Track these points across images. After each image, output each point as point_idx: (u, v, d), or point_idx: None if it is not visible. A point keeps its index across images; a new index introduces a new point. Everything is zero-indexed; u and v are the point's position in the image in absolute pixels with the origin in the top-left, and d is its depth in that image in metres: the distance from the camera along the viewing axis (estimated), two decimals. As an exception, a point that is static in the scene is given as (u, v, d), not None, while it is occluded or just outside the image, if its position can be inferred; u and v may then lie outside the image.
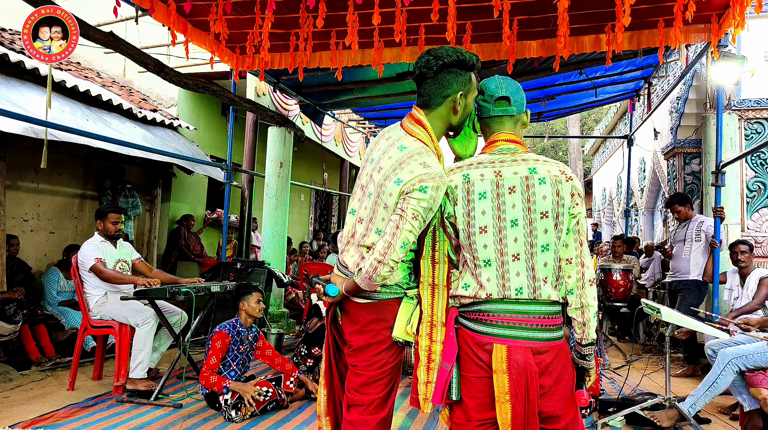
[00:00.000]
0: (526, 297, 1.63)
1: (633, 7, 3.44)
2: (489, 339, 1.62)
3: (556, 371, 1.63)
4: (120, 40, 3.94)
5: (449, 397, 1.68)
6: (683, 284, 5.19)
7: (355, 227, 1.87)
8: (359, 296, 1.81)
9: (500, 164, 1.68)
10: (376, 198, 1.78)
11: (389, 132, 1.89)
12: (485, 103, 1.77)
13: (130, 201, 6.44)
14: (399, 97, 6.63)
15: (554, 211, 1.64)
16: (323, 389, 1.98)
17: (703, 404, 3.37)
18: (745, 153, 5.26)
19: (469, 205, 1.67)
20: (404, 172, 1.71)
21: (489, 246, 1.65)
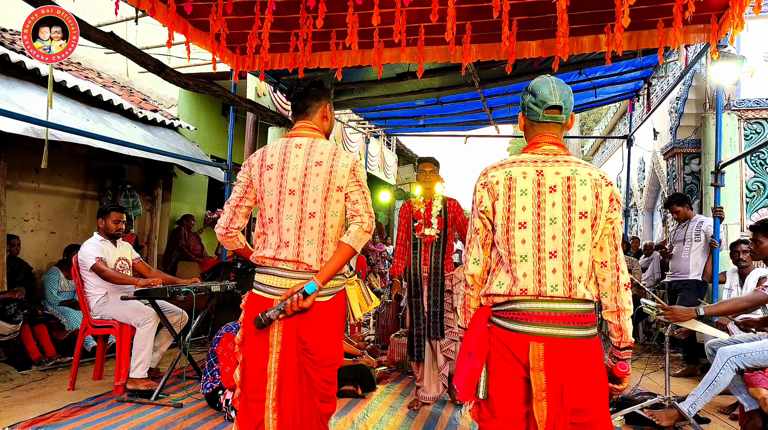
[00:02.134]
0: (562, 295, 1.66)
1: (632, 7, 3.44)
2: (525, 337, 1.64)
3: (589, 367, 1.66)
4: (120, 40, 3.95)
5: (476, 395, 1.71)
6: (683, 284, 5.20)
7: (302, 224, 2.06)
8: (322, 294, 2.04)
9: (542, 164, 1.73)
10: (327, 186, 2.08)
11: (290, 143, 2.14)
12: (536, 107, 1.80)
13: (130, 201, 6.45)
14: (399, 97, 6.63)
15: (593, 213, 1.67)
16: (272, 412, 1.97)
17: (703, 403, 3.37)
18: (744, 153, 5.27)
19: (510, 200, 1.70)
20: (342, 157, 2.12)
21: (527, 242, 1.68)
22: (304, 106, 2.22)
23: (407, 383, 4.59)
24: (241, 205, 2.16)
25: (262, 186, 2.11)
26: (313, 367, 2.04)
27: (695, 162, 7.40)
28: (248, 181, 2.15)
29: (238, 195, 2.16)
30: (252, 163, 2.16)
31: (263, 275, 2.09)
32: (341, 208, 2.11)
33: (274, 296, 2.04)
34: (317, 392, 2.05)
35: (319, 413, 2.05)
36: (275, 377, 1.99)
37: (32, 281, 5.27)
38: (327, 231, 2.07)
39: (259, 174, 2.12)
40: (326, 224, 2.07)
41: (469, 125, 8.57)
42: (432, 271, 3.93)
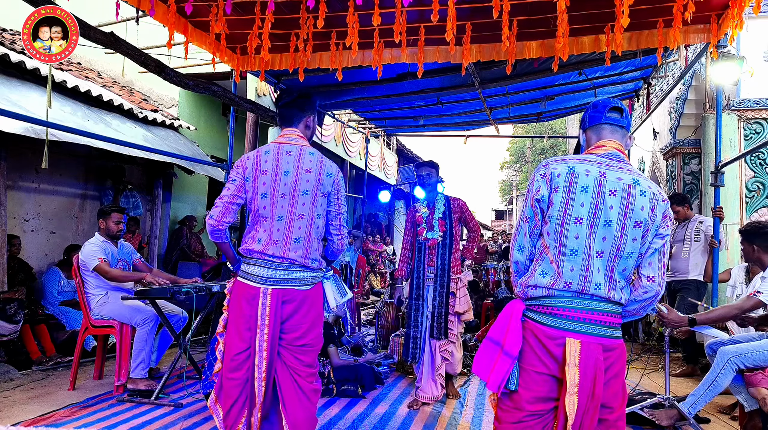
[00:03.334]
0: (602, 295, 1.71)
1: (632, 7, 3.45)
2: (562, 333, 1.69)
3: (617, 367, 1.73)
4: (120, 40, 3.95)
5: (507, 387, 1.74)
6: (682, 284, 5.20)
7: (291, 224, 2.31)
8: (303, 284, 2.33)
9: (606, 167, 1.77)
10: (315, 191, 2.34)
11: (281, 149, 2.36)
12: (597, 113, 1.88)
13: (130, 201, 6.45)
14: (399, 98, 6.63)
15: (646, 225, 1.73)
16: (261, 383, 2.26)
17: (703, 403, 3.38)
18: (744, 153, 5.27)
19: (570, 194, 1.73)
20: (327, 166, 2.40)
21: (580, 237, 1.72)
22: (290, 115, 2.45)
23: (407, 383, 4.59)
24: (233, 202, 2.37)
25: (256, 188, 2.33)
26: (288, 347, 2.29)
27: (695, 162, 7.41)
28: (242, 181, 2.36)
29: (231, 193, 2.36)
30: (246, 165, 2.37)
31: (251, 266, 2.32)
32: (324, 212, 2.41)
33: (258, 284, 2.28)
34: (296, 371, 2.29)
35: (305, 391, 2.29)
36: (265, 354, 2.24)
37: (32, 281, 5.27)
38: (312, 232, 2.35)
39: (254, 177, 2.33)
40: (312, 225, 2.35)
41: (469, 125, 8.57)
42: (438, 272, 3.96)
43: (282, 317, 2.27)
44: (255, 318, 2.25)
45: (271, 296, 2.26)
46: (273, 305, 2.25)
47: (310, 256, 2.34)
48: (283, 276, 2.29)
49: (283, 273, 2.29)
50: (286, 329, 2.29)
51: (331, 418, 3.56)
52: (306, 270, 2.33)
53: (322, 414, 3.63)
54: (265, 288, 2.27)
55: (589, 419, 1.65)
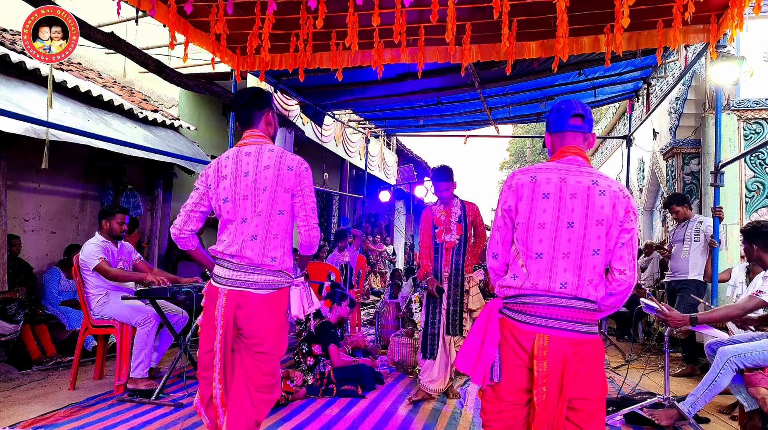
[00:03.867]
0: (569, 293, 1.81)
1: (632, 8, 3.45)
2: (532, 329, 1.81)
3: (590, 361, 1.81)
4: (120, 40, 3.95)
5: (491, 379, 1.87)
6: (682, 284, 5.20)
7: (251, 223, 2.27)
8: (261, 288, 2.26)
9: (566, 172, 1.89)
10: (274, 188, 2.28)
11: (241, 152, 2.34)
12: (560, 119, 1.98)
13: (131, 201, 6.45)
14: (399, 98, 6.64)
15: (608, 222, 1.83)
16: (219, 384, 2.26)
17: (703, 403, 3.38)
18: (744, 153, 5.28)
19: (533, 202, 1.87)
20: (287, 160, 2.32)
21: (544, 241, 1.84)
22: (249, 117, 2.43)
23: (407, 382, 4.59)
24: (195, 210, 2.39)
25: (218, 194, 2.33)
26: (247, 351, 2.27)
27: (695, 162, 7.41)
28: (205, 190, 2.38)
29: (194, 201, 2.39)
30: (208, 173, 2.39)
31: (216, 267, 2.33)
32: (288, 208, 2.33)
33: (221, 285, 2.28)
34: (251, 377, 2.25)
35: (253, 399, 2.24)
36: (219, 355, 2.24)
37: (33, 281, 5.27)
38: (271, 229, 2.29)
39: (216, 184, 2.34)
40: (271, 223, 2.29)
41: (468, 125, 8.57)
42: (453, 272, 4.09)
43: (237, 320, 2.25)
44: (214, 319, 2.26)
45: (226, 297, 2.25)
46: (227, 306, 2.24)
47: (268, 254, 2.27)
48: (239, 278, 2.25)
49: (240, 274, 2.25)
50: (245, 333, 2.26)
51: (331, 418, 3.56)
52: (263, 272, 2.26)
53: (322, 414, 3.63)
54: (222, 289, 2.27)
55: (559, 410, 1.75)
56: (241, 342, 2.28)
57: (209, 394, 2.27)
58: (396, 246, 16.57)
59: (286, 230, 2.33)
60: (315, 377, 4.19)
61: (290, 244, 2.37)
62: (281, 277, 2.32)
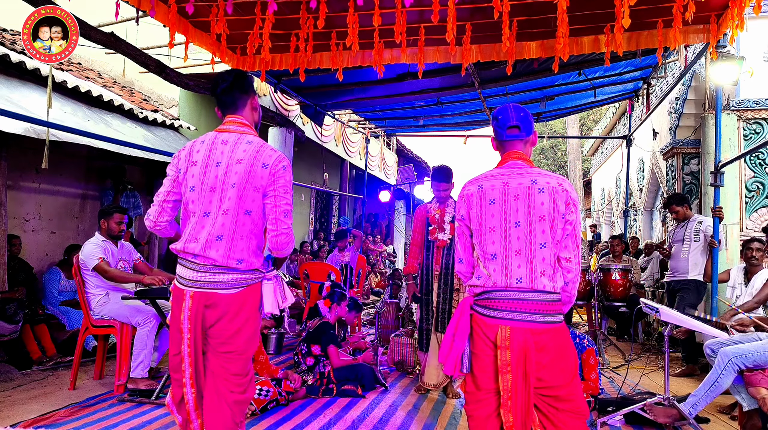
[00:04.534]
0: (525, 286, 1.95)
1: (632, 8, 3.45)
2: (496, 322, 1.96)
3: (554, 348, 1.94)
4: (121, 40, 3.96)
5: (461, 370, 2.02)
6: (682, 284, 5.20)
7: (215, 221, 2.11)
8: (228, 287, 2.12)
9: (508, 176, 2.05)
10: (243, 185, 2.10)
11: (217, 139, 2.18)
12: (499, 128, 2.12)
13: (131, 201, 6.45)
14: (399, 98, 6.64)
15: (550, 216, 1.97)
16: (191, 388, 2.14)
17: (704, 404, 3.38)
18: (743, 153, 5.28)
19: (482, 209, 2.04)
20: (263, 157, 2.13)
21: (496, 243, 2.00)
22: (232, 100, 2.24)
23: (407, 382, 4.60)
24: (168, 199, 2.22)
25: (186, 181, 2.16)
26: (213, 352, 2.15)
27: (694, 162, 7.41)
28: (175, 175, 2.21)
29: (166, 189, 2.22)
30: (180, 156, 2.21)
31: (179, 266, 2.18)
32: (257, 208, 2.14)
33: (184, 286, 2.14)
34: (219, 379, 2.14)
35: (226, 401, 2.14)
36: (189, 359, 2.13)
37: (33, 281, 5.27)
38: (238, 229, 2.11)
39: (185, 169, 2.17)
40: (238, 223, 2.11)
41: (468, 125, 8.58)
42: (443, 271, 4.17)
43: (206, 322, 2.13)
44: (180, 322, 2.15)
45: (192, 299, 2.12)
46: (194, 309, 2.11)
47: (234, 256, 2.11)
48: (205, 279, 2.11)
49: (205, 275, 2.11)
50: (212, 334, 2.15)
51: (331, 418, 3.56)
52: (230, 272, 2.11)
53: (322, 414, 3.63)
54: (187, 291, 2.13)
55: (527, 396, 1.89)
56: (208, 344, 2.16)
57: (180, 395, 2.17)
58: (396, 246, 16.57)
59: (253, 230, 2.16)
60: (315, 377, 4.19)
61: (259, 243, 2.21)
62: (250, 274, 2.17)
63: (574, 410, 1.95)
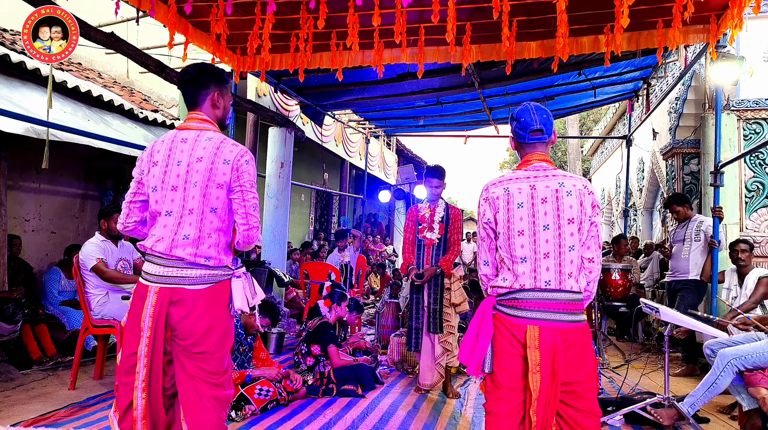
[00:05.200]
0: (553, 287, 1.96)
1: (632, 8, 3.45)
2: (523, 321, 1.95)
3: (578, 346, 1.96)
4: (121, 40, 3.96)
5: (483, 370, 2.01)
6: (682, 284, 5.20)
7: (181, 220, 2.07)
8: (196, 283, 2.06)
9: (534, 179, 2.04)
10: (205, 182, 2.07)
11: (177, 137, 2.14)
12: (521, 131, 2.09)
13: (130, 201, 6.45)
14: (399, 98, 6.64)
15: (578, 219, 1.99)
16: (141, 393, 2.03)
17: (702, 404, 3.39)
18: (743, 153, 5.28)
19: (509, 212, 2.02)
20: (224, 152, 2.09)
21: (525, 246, 1.99)
22: (192, 95, 2.20)
23: (407, 382, 4.60)
24: (135, 200, 2.19)
25: (148, 181, 2.14)
26: (184, 354, 2.06)
27: (694, 162, 7.41)
28: (139, 176, 2.19)
29: (132, 191, 2.20)
30: (143, 158, 2.19)
31: (146, 264, 2.12)
32: (222, 205, 2.11)
33: (149, 283, 2.08)
34: (197, 377, 2.06)
35: (208, 398, 2.07)
36: (145, 360, 2.02)
37: (33, 281, 5.27)
38: (204, 228, 2.08)
39: (147, 169, 2.15)
40: (203, 221, 2.08)
41: (468, 125, 8.58)
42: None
43: (171, 320, 2.05)
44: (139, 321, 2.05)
45: (157, 295, 2.04)
46: (158, 305, 2.03)
47: (202, 254, 2.06)
48: (171, 274, 2.04)
49: (171, 270, 2.05)
50: (180, 334, 2.06)
51: (331, 418, 3.57)
52: (198, 268, 2.06)
53: (322, 414, 3.63)
54: (152, 287, 2.05)
55: (553, 394, 1.90)
56: (177, 345, 2.07)
57: (128, 402, 2.03)
58: (396, 246, 16.57)
59: (221, 228, 2.12)
60: (315, 377, 4.19)
61: (227, 240, 2.17)
62: (219, 270, 2.12)
63: (590, 410, 1.96)
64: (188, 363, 2.07)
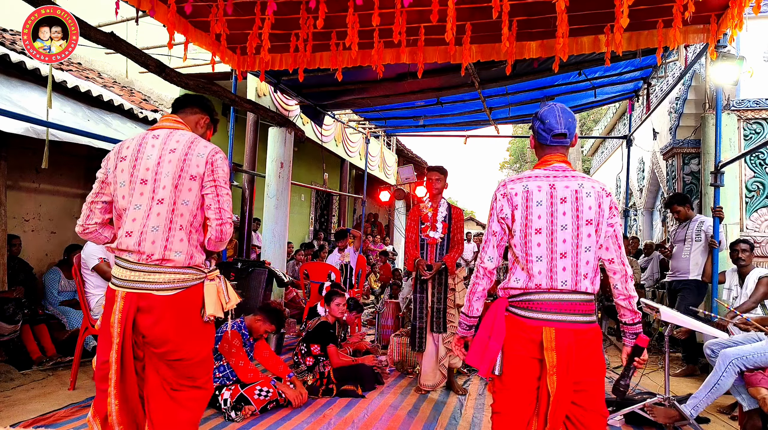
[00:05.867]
0: (569, 288, 1.95)
1: (632, 7, 3.45)
2: (539, 323, 1.93)
3: (591, 347, 1.96)
4: (120, 40, 3.95)
5: (493, 372, 2.01)
6: (683, 284, 5.20)
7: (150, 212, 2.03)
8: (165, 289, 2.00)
9: (554, 179, 2.03)
10: (178, 173, 2.04)
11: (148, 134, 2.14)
12: (544, 132, 2.08)
13: (130, 201, 6.45)
14: (399, 98, 6.64)
15: (596, 220, 1.98)
16: (114, 399, 2.00)
17: (705, 405, 3.39)
18: (743, 153, 5.28)
19: (528, 210, 2.00)
20: (199, 146, 2.10)
21: (542, 245, 1.97)
22: (184, 106, 2.27)
23: (407, 382, 4.59)
24: (97, 200, 2.15)
25: (115, 178, 2.10)
26: (158, 360, 2.03)
27: (695, 162, 7.41)
28: (104, 176, 2.15)
29: (94, 191, 2.16)
30: (109, 156, 2.16)
31: (114, 267, 2.07)
32: (194, 198, 2.06)
33: (117, 287, 2.02)
34: (170, 384, 2.03)
35: (175, 399, 2.03)
36: (115, 367, 1.99)
37: (33, 281, 5.27)
38: (175, 219, 2.02)
39: (114, 166, 2.12)
40: (175, 212, 2.03)
41: (468, 125, 8.58)
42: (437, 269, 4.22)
43: (138, 327, 1.99)
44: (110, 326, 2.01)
45: (123, 300, 1.98)
46: (124, 311, 1.97)
47: (172, 248, 2.00)
48: (138, 278, 1.98)
49: (138, 275, 1.98)
50: (152, 341, 2.00)
51: (331, 418, 3.56)
52: (166, 271, 1.99)
53: (322, 414, 3.63)
54: (119, 291, 2.00)
55: (566, 394, 1.89)
56: (150, 351, 2.02)
57: (105, 410, 2.00)
58: (396, 246, 16.56)
59: (192, 223, 2.06)
60: (315, 377, 4.19)
61: (199, 238, 2.10)
62: (190, 273, 2.04)
63: (598, 410, 1.96)
64: (165, 370, 2.04)
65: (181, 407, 2.04)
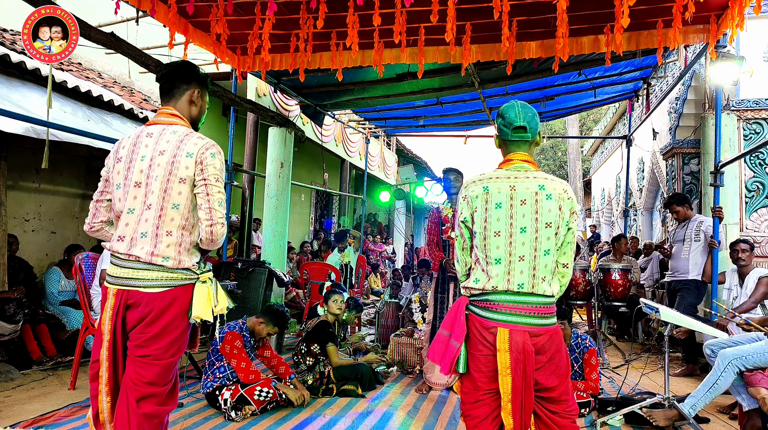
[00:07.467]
0: (526, 291, 1.94)
1: (632, 8, 3.45)
2: (494, 323, 1.94)
3: (550, 350, 1.95)
4: (121, 40, 3.95)
5: (456, 370, 1.99)
6: (682, 284, 5.20)
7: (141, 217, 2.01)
8: (153, 286, 1.98)
9: (515, 179, 2.00)
10: (167, 177, 2.00)
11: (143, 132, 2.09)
12: (505, 128, 2.06)
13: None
14: (399, 98, 6.64)
15: (556, 223, 1.97)
16: (106, 396, 1.99)
17: (703, 405, 3.38)
18: (743, 153, 5.28)
19: (487, 212, 1.99)
20: (188, 145, 2.03)
21: (500, 247, 1.97)
22: (170, 87, 2.15)
23: (407, 382, 4.60)
24: (101, 199, 2.15)
25: (112, 179, 2.09)
26: (131, 359, 2.00)
27: (694, 162, 7.41)
28: (107, 174, 2.14)
29: (99, 190, 2.16)
30: (109, 156, 2.15)
31: (108, 265, 2.08)
32: (185, 201, 2.03)
33: (110, 284, 2.03)
34: (131, 388, 1.95)
35: (136, 413, 1.93)
36: (106, 364, 1.99)
37: (33, 281, 5.27)
38: (162, 225, 2.00)
39: (112, 167, 2.10)
40: (162, 218, 2.00)
41: (468, 125, 8.58)
42: None
43: (127, 324, 2.00)
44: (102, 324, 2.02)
45: (114, 297, 1.99)
46: (115, 308, 1.98)
47: (159, 253, 1.98)
48: (127, 275, 1.98)
49: (128, 272, 1.99)
50: (131, 337, 2.00)
51: (331, 418, 3.57)
52: (154, 269, 1.98)
53: (322, 414, 3.63)
54: (111, 288, 2.01)
55: (527, 397, 1.89)
56: (129, 349, 2.02)
57: (97, 408, 2.01)
58: (396, 246, 16.57)
59: (183, 226, 2.03)
60: (315, 377, 4.19)
61: (191, 240, 2.06)
62: (179, 273, 2.02)
63: (568, 412, 1.96)
64: (130, 368, 1.98)
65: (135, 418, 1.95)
